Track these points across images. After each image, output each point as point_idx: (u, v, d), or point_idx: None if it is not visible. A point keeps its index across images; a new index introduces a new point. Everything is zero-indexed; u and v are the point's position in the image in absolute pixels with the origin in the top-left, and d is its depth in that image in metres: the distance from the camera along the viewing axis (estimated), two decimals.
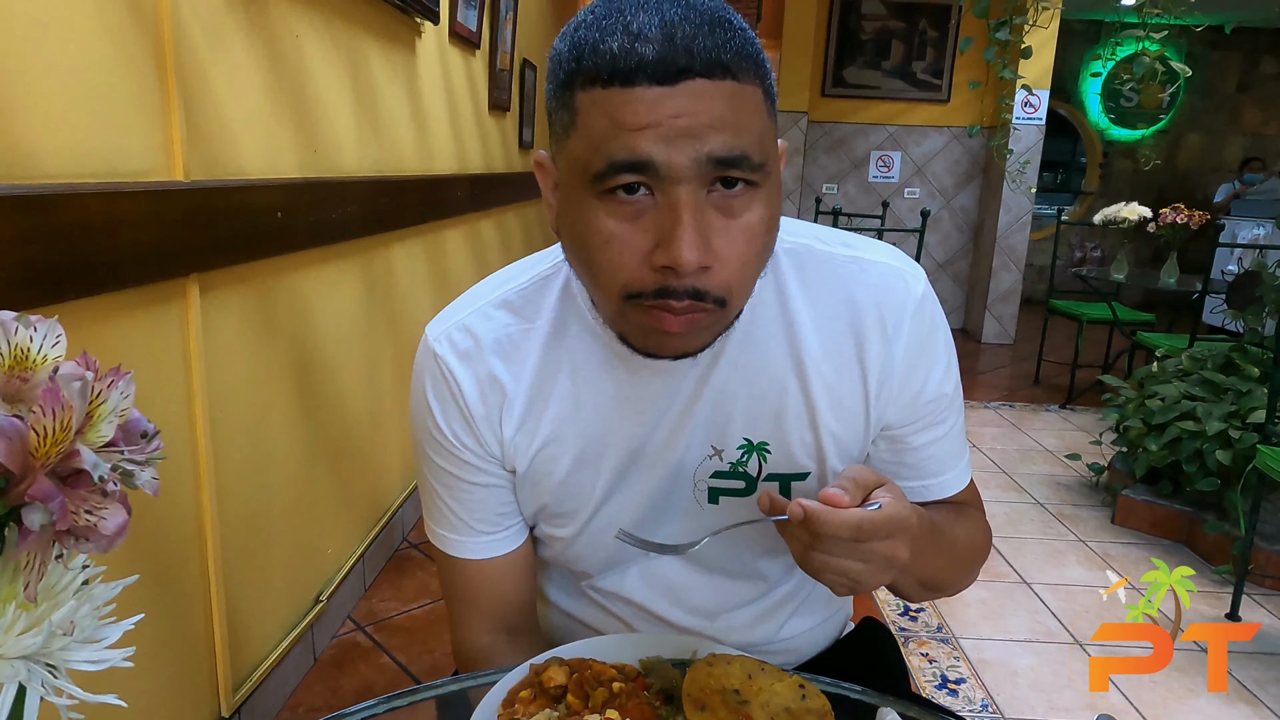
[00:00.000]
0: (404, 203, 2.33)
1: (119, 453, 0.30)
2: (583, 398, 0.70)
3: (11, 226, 0.93)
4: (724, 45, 0.53)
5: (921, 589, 0.72)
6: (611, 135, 0.53)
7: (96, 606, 0.31)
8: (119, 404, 0.30)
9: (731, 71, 0.53)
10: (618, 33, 0.52)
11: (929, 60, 6.02)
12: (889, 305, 0.69)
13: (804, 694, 0.60)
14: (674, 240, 0.53)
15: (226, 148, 1.42)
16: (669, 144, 0.52)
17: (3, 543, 0.29)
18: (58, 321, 0.30)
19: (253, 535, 1.59)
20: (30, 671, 0.28)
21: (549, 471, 0.72)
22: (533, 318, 0.71)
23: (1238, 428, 2.41)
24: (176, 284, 1.29)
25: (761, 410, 0.69)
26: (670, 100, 0.52)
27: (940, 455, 0.74)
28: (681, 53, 0.52)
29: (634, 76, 0.52)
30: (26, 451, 0.27)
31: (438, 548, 0.77)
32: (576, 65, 0.54)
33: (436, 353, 0.71)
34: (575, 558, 0.77)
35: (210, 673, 1.47)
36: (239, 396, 1.50)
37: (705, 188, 0.54)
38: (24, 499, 0.28)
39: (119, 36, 1.14)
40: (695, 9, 0.54)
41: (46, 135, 1.02)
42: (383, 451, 2.34)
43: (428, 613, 2.13)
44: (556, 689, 0.61)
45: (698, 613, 0.78)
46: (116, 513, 0.29)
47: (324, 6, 1.79)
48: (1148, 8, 3.08)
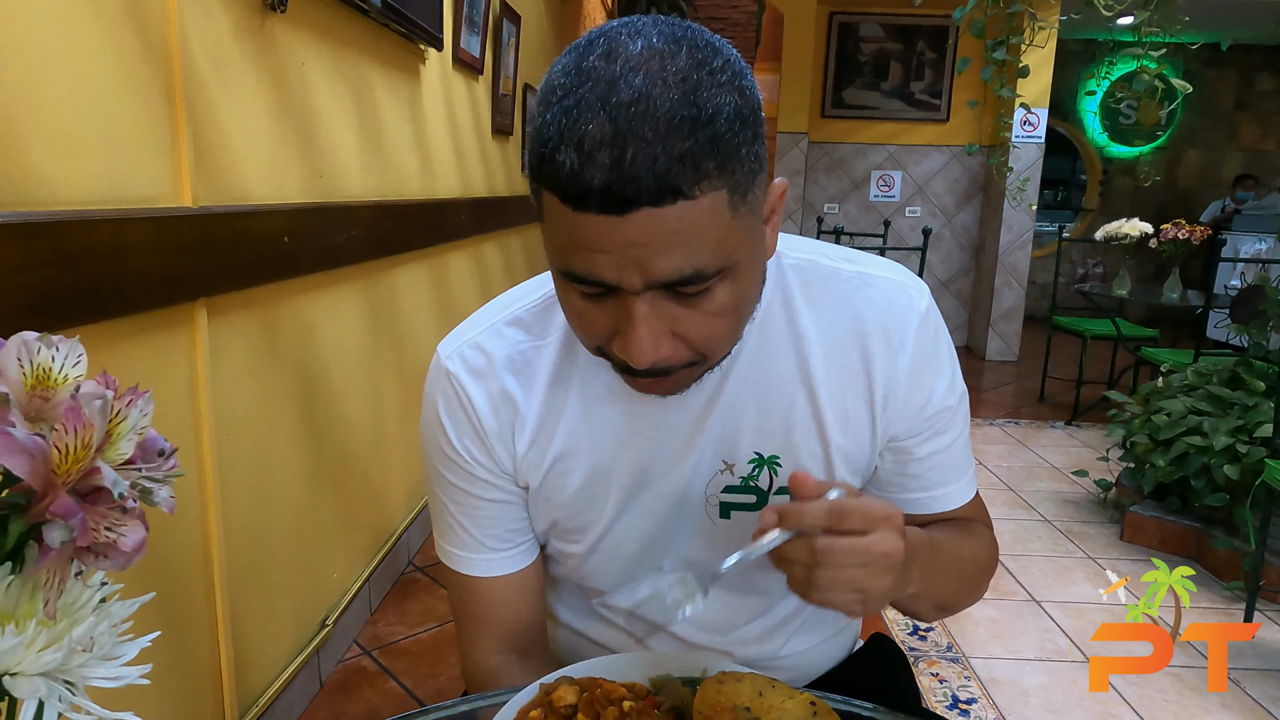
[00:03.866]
0: (407, 227, 2.35)
1: (137, 470, 0.31)
2: (593, 413, 0.71)
3: (23, 253, 0.94)
4: (677, 161, 0.50)
5: (934, 609, 0.72)
6: (568, 249, 0.54)
7: (114, 624, 0.31)
8: (138, 422, 0.31)
9: (683, 192, 0.51)
10: (571, 146, 0.51)
11: (927, 81, 6.07)
12: (893, 320, 0.70)
13: (815, 711, 0.60)
14: (629, 343, 0.56)
15: (233, 174, 1.44)
16: (620, 269, 0.53)
17: (22, 560, 0.29)
18: (79, 341, 0.31)
19: (259, 558, 1.58)
20: (50, 688, 0.28)
21: (561, 486, 0.72)
22: (543, 335, 0.72)
23: (1245, 442, 2.41)
24: (184, 309, 1.30)
25: (771, 424, 0.70)
26: (620, 229, 0.51)
27: (945, 465, 0.75)
28: (628, 183, 0.50)
29: (584, 203, 0.51)
30: (49, 469, 0.27)
31: (448, 566, 0.77)
32: (539, 164, 0.54)
33: (449, 370, 0.72)
34: (588, 574, 0.77)
35: (217, 697, 1.46)
36: (245, 421, 1.51)
37: (663, 293, 0.55)
38: (45, 516, 0.28)
39: (129, 66, 1.16)
40: (653, 113, 0.50)
41: (58, 163, 1.03)
42: (387, 475, 2.34)
43: (434, 636, 2.12)
44: (567, 708, 0.61)
45: (707, 628, 0.78)
46: (135, 529, 0.30)
47: (330, 34, 1.82)
48: (1144, 27, 3.11)
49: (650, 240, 0.52)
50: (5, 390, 0.28)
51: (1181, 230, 3.88)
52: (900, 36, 6.04)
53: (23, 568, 0.29)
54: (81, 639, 0.29)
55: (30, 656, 0.27)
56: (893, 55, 6.07)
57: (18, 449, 0.27)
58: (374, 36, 2.07)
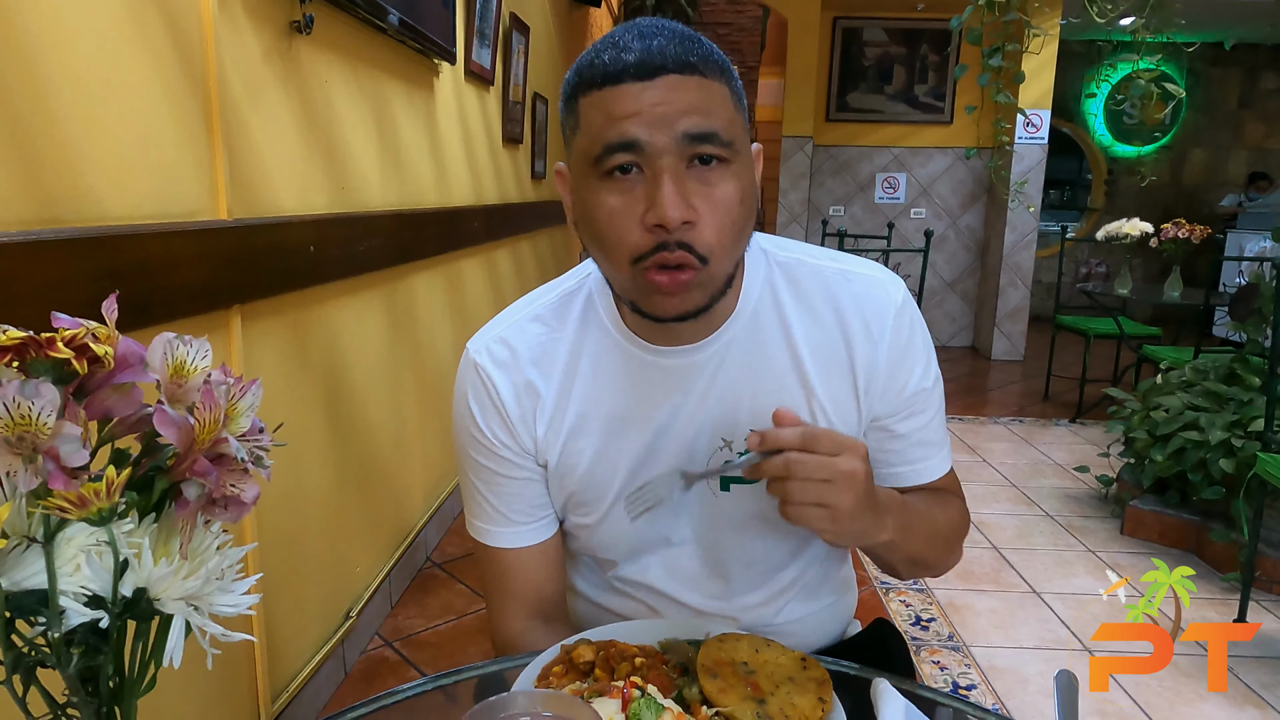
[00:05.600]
0: (424, 235, 2.44)
1: (250, 442, 0.39)
2: (602, 394, 0.80)
3: (83, 267, 1.03)
4: (691, 51, 0.67)
5: (908, 562, 0.81)
6: (606, 125, 0.66)
7: (230, 564, 0.39)
8: (253, 402, 0.39)
9: (699, 69, 0.66)
10: (608, 50, 0.67)
11: (931, 84, 6.13)
12: (873, 311, 0.79)
13: (805, 665, 0.68)
14: (659, 200, 0.65)
15: (264, 188, 1.53)
16: (651, 127, 0.65)
17: (161, 510, 0.38)
18: (206, 340, 0.39)
19: (289, 554, 1.67)
20: (187, 610, 0.36)
21: (575, 464, 0.81)
22: (560, 327, 0.81)
23: (1240, 436, 2.46)
24: (221, 315, 1.39)
25: (766, 405, 0.77)
26: (649, 92, 0.65)
27: (923, 441, 0.83)
28: (656, 55, 0.65)
29: (620, 77, 0.65)
30: (190, 438, 0.36)
31: (478, 541, 0.86)
32: (579, 79, 0.68)
33: (478, 363, 0.81)
34: (600, 544, 0.85)
35: (251, 684, 1.55)
36: (276, 423, 1.59)
37: (684, 162, 0.66)
38: (185, 475, 0.36)
39: (171, 92, 1.25)
40: (669, 29, 0.68)
41: (110, 181, 1.12)
42: (406, 475, 2.43)
43: (452, 629, 2.21)
44: (585, 665, 0.68)
45: (712, 597, 0.86)
46: (253, 486, 0.38)
47: (350, 54, 1.91)
48: (1141, 31, 3.17)
49: (674, 100, 0.65)
50: (155, 377, 0.36)
51: (1182, 229, 3.93)
52: (904, 40, 6.11)
53: (163, 517, 0.38)
54: (214, 570, 0.37)
55: (176, 583, 0.36)
56: (896, 59, 6.14)
57: (170, 422, 0.35)
58: (391, 53, 2.17)
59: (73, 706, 0.38)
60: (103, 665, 0.37)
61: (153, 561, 0.35)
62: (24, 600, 0.34)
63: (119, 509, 0.34)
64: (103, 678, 0.37)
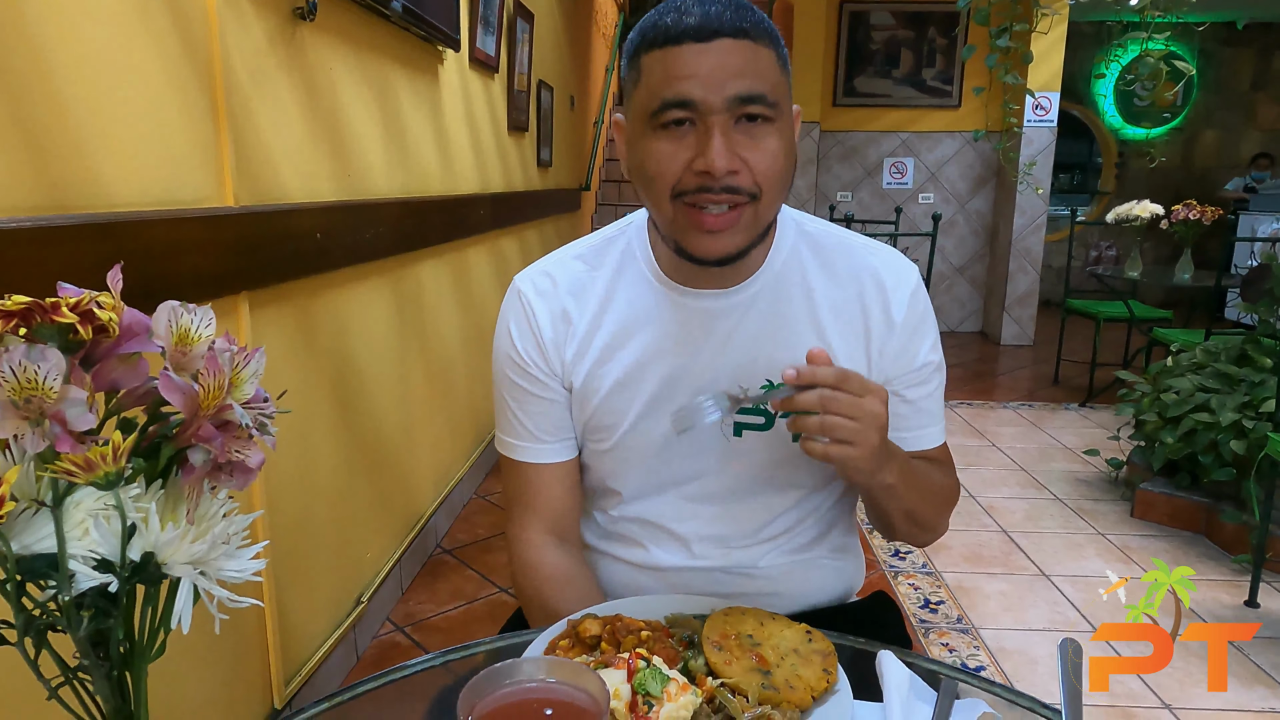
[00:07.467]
0: (430, 223, 2.44)
1: (254, 410, 0.39)
2: (631, 329, 0.86)
3: (88, 251, 1.04)
4: (744, 18, 0.73)
5: (904, 516, 0.84)
6: (665, 82, 0.73)
7: (236, 531, 0.40)
8: (256, 370, 0.39)
9: (750, 35, 0.73)
10: (671, 13, 0.74)
11: (939, 67, 6.09)
12: (891, 285, 0.86)
13: (810, 637, 0.68)
14: (709, 150, 0.72)
15: (270, 175, 1.53)
16: (705, 87, 0.71)
17: (168, 477, 0.38)
18: (210, 308, 0.39)
19: (300, 539, 1.68)
20: (193, 574, 0.37)
21: (596, 389, 0.87)
22: (599, 265, 0.89)
23: (1251, 418, 2.45)
24: (229, 301, 1.40)
25: (783, 359, 0.80)
26: (705, 55, 0.71)
27: (925, 410, 0.90)
28: (714, 21, 0.72)
29: (680, 38, 0.72)
30: (196, 404, 0.36)
31: (505, 455, 0.93)
32: (641, 38, 0.75)
33: (521, 290, 0.90)
34: (610, 472, 0.91)
35: (264, 668, 1.56)
36: (285, 409, 1.60)
37: (733, 119, 0.72)
38: (190, 441, 0.37)
39: (176, 78, 1.25)
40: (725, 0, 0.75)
41: (117, 167, 1.13)
42: (415, 462, 2.44)
43: (462, 614, 2.22)
44: (591, 639, 0.69)
45: (705, 538, 0.90)
46: (257, 452, 0.38)
47: (355, 41, 1.91)
48: (1149, 9, 3.14)
49: (727, 64, 0.71)
50: (161, 345, 0.36)
51: (1193, 211, 3.90)
52: (911, 24, 6.07)
53: (169, 483, 0.38)
54: (221, 535, 0.37)
55: (184, 547, 0.36)
56: (904, 43, 6.09)
57: (175, 389, 0.35)
58: (395, 40, 2.16)
59: (84, 670, 0.38)
60: (113, 629, 0.37)
61: (160, 526, 0.36)
62: (34, 564, 0.35)
63: (126, 473, 0.35)
64: (113, 641, 0.38)
